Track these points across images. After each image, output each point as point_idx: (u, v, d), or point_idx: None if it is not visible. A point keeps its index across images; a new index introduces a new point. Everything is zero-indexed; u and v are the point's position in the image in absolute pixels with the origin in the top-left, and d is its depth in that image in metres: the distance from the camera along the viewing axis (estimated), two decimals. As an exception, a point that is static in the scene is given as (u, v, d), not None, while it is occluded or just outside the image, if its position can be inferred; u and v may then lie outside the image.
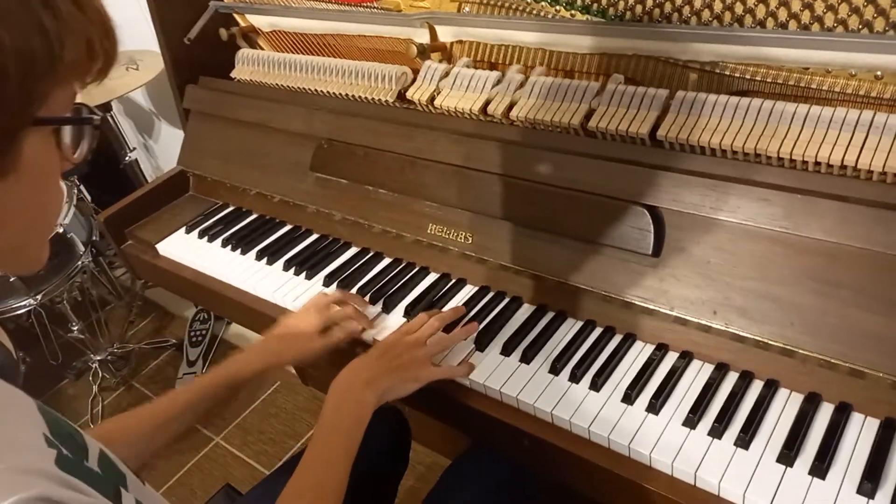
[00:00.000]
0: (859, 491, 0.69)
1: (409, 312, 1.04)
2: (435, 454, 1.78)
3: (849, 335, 0.75)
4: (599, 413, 0.83)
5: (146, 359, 2.32)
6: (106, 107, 2.06)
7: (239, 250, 1.27)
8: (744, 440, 0.76)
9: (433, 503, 1.01)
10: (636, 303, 0.89)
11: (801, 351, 0.79)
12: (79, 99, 0.49)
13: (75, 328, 2.16)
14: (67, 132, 0.48)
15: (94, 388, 2.18)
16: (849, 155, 0.78)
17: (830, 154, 0.79)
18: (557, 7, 1.03)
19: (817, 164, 0.80)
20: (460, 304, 1.03)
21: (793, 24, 0.86)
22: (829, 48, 0.82)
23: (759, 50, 0.87)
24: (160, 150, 2.54)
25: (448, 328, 0.96)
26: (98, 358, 2.20)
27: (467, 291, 1.06)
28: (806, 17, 0.84)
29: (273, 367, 0.98)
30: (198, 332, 2.30)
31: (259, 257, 1.24)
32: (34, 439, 0.49)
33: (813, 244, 0.77)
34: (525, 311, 1.00)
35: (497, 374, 0.90)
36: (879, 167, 0.76)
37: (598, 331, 0.94)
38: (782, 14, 0.86)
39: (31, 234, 0.49)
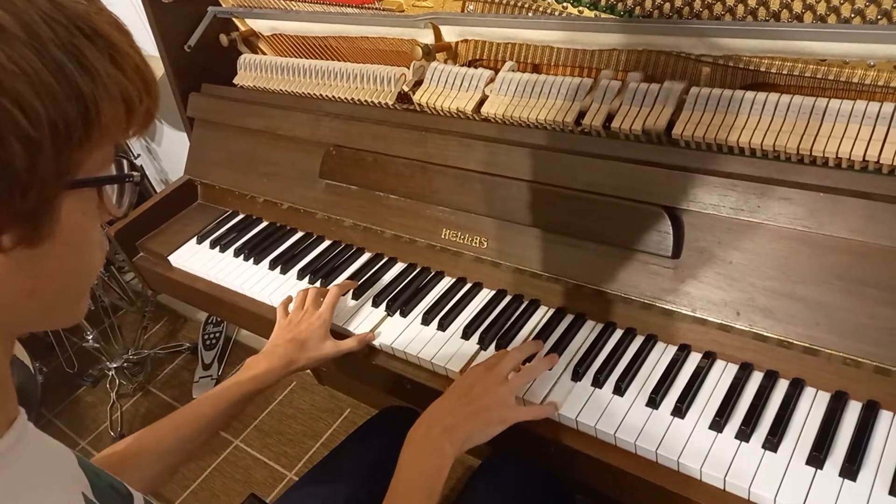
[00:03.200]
0: (892, 492, 0.69)
1: (427, 317, 1.03)
2: (454, 449, 1.78)
3: (877, 334, 0.74)
4: (624, 419, 0.82)
5: (161, 364, 2.33)
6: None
7: (252, 260, 1.26)
8: (772, 443, 0.75)
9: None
10: (657, 305, 0.89)
11: (826, 350, 0.78)
12: None
13: (90, 336, 2.17)
14: (110, 186, 0.47)
15: (112, 395, 2.19)
16: (871, 150, 0.76)
17: (852, 149, 0.77)
18: (565, 4, 1.01)
19: (839, 159, 0.79)
20: (479, 307, 1.03)
21: (808, 16, 0.84)
22: (846, 40, 0.80)
23: (775, 43, 0.85)
24: (163, 153, 2.53)
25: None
26: (114, 365, 2.21)
27: (484, 295, 1.06)
28: (822, 7, 0.82)
29: (290, 374, 1.00)
30: (211, 335, 2.31)
31: (273, 266, 1.23)
32: (72, 502, 0.48)
33: (838, 243, 0.76)
34: (543, 314, 1.00)
35: (519, 381, 0.90)
36: (903, 162, 0.74)
37: (618, 333, 0.94)
38: (797, 6, 0.84)
39: (68, 292, 0.48)
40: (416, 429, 0.81)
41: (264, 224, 1.35)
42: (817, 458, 0.73)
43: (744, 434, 0.77)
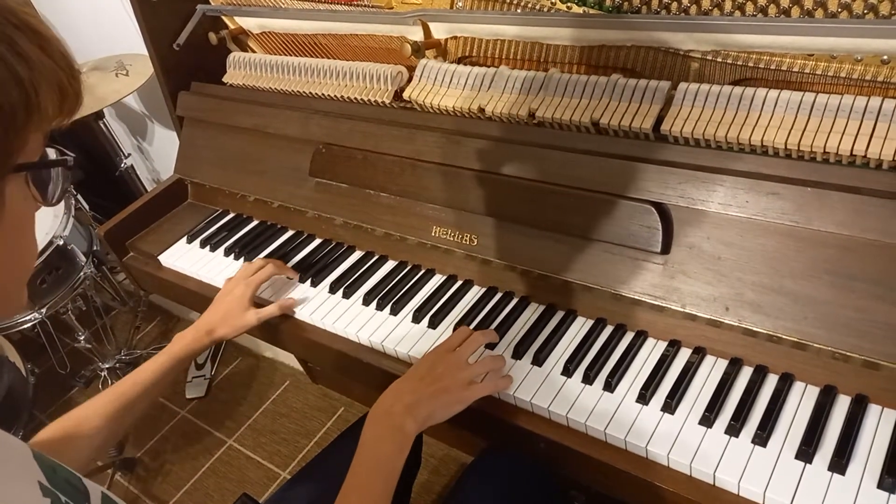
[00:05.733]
0: (880, 486, 0.69)
1: (418, 315, 1.03)
2: (447, 447, 1.78)
3: (865, 327, 0.75)
4: (615, 415, 0.82)
5: (154, 364, 2.32)
6: (98, 114, 2.04)
7: (242, 259, 1.26)
8: (761, 437, 0.75)
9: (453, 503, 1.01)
10: (646, 301, 0.89)
11: (815, 344, 0.78)
12: None
13: (82, 337, 2.16)
14: (39, 176, 0.48)
15: (105, 395, 2.18)
16: (858, 144, 0.76)
17: (839, 144, 0.77)
18: (554, 0, 1.01)
19: (826, 154, 0.79)
20: (469, 304, 1.03)
21: (795, 11, 0.84)
22: (833, 34, 0.80)
23: (763, 38, 0.85)
24: (155, 153, 2.52)
25: None
26: (106, 366, 2.20)
27: (475, 292, 1.06)
28: (809, 2, 0.82)
29: (212, 342, 1.08)
30: (204, 335, 2.29)
31: (263, 265, 1.23)
32: (28, 490, 0.48)
33: (826, 237, 0.76)
34: (534, 310, 1.00)
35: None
36: (890, 156, 0.74)
37: (608, 329, 0.94)
38: (784, 0, 0.84)
39: (14, 278, 0.49)
40: (378, 406, 0.83)
41: (255, 223, 1.35)
42: (806, 452, 0.73)
43: (733, 429, 0.77)
